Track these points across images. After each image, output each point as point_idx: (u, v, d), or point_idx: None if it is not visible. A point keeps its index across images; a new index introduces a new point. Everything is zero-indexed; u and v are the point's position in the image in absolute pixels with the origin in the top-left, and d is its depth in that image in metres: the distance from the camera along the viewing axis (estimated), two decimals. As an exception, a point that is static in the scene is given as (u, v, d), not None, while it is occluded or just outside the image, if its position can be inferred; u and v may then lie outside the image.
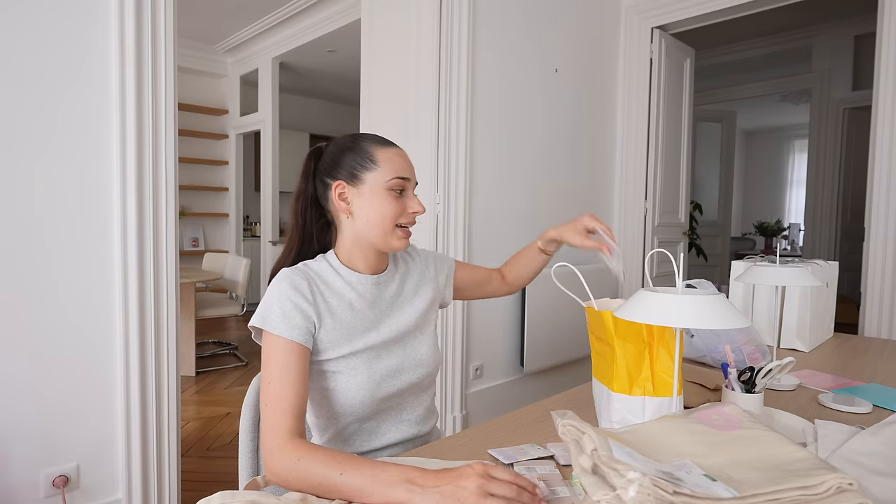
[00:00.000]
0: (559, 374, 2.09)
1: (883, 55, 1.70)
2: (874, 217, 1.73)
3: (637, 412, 0.60)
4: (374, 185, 0.63)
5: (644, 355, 0.60)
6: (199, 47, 3.79)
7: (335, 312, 0.62)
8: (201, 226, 4.08)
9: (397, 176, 0.63)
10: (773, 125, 6.08)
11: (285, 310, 0.59)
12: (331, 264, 0.65)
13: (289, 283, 0.60)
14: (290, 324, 0.58)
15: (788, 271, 0.83)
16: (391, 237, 0.63)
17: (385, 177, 0.62)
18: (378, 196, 0.62)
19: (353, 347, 0.62)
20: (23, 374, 1.01)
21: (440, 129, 1.68)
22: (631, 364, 0.60)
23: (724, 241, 4.48)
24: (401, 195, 0.64)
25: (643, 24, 2.29)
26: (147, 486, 1.14)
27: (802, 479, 0.39)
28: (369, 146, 0.64)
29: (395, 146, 0.66)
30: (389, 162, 0.63)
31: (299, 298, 0.60)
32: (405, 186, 0.64)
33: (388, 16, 1.84)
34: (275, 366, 0.57)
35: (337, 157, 0.65)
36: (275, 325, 0.58)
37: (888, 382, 0.88)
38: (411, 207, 0.64)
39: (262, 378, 0.58)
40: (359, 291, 0.65)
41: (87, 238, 1.07)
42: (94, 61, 1.07)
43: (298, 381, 0.57)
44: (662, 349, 0.59)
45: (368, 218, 0.63)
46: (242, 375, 2.59)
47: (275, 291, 0.60)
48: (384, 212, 0.62)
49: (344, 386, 0.62)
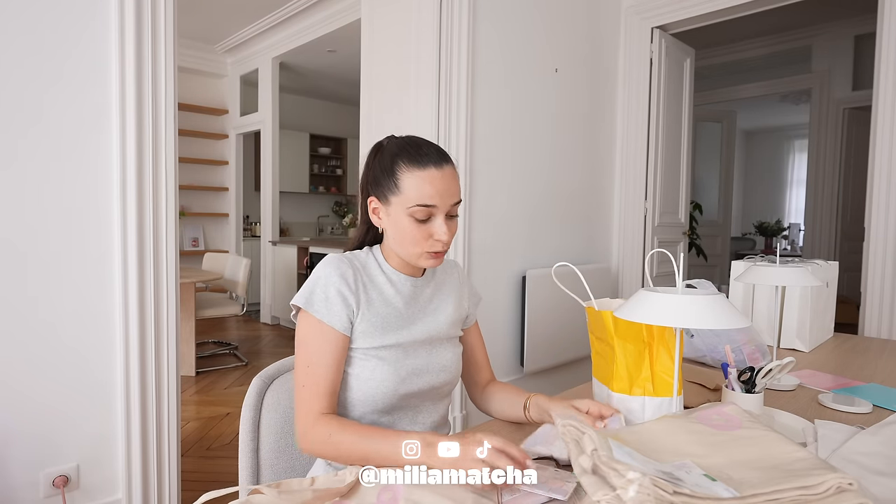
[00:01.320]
0: (559, 373, 2.09)
1: (883, 55, 1.70)
2: (874, 217, 1.73)
3: (637, 412, 0.60)
4: (398, 209, 0.61)
5: (644, 355, 0.60)
6: (199, 47, 3.79)
7: (373, 304, 0.64)
8: (201, 226, 4.08)
9: (418, 204, 0.60)
10: (773, 125, 6.08)
11: (329, 296, 0.61)
12: (375, 258, 0.67)
13: (335, 269, 0.62)
14: (332, 310, 0.60)
15: (788, 271, 0.83)
16: (417, 258, 0.63)
17: (406, 203, 0.60)
18: (401, 220, 0.61)
19: (385, 341, 0.63)
20: (22, 374, 1.01)
21: (440, 129, 1.68)
22: (631, 364, 0.60)
23: (724, 241, 4.48)
24: (426, 221, 0.61)
25: (643, 24, 2.29)
26: (147, 486, 1.14)
27: (802, 479, 0.39)
28: (399, 167, 0.61)
29: (429, 167, 0.61)
30: (414, 189, 0.60)
31: (343, 286, 0.61)
32: (430, 213, 0.61)
33: (388, 16, 1.83)
34: (313, 350, 0.60)
35: (374, 167, 0.65)
36: (317, 309, 0.60)
37: (888, 382, 0.88)
38: (436, 234, 0.61)
39: (298, 358, 0.60)
40: (398, 289, 0.66)
41: (86, 238, 1.07)
42: (94, 61, 1.06)
43: (334, 366, 0.60)
44: (662, 349, 0.59)
45: (394, 237, 0.63)
46: (242, 375, 2.58)
47: (321, 275, 0.61)
48: (405, 237, 0.62)
49: (370, 374, 0.63)
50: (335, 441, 0.56)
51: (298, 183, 4.63)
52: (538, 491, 0.48)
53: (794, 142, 6.31)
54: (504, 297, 1.91)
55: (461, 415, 1.76)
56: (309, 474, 0.68)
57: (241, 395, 2.28)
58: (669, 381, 0.59)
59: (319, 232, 4.93)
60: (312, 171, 4.77)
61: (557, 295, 2.18)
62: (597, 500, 0.39)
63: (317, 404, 0.59)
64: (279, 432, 0.69)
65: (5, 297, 0.99)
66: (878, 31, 1.75)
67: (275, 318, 3.80)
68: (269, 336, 3.46)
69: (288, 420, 0.70)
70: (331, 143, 4.93)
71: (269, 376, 0.70)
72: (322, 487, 0.48)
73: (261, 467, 0.68)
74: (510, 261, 1.91)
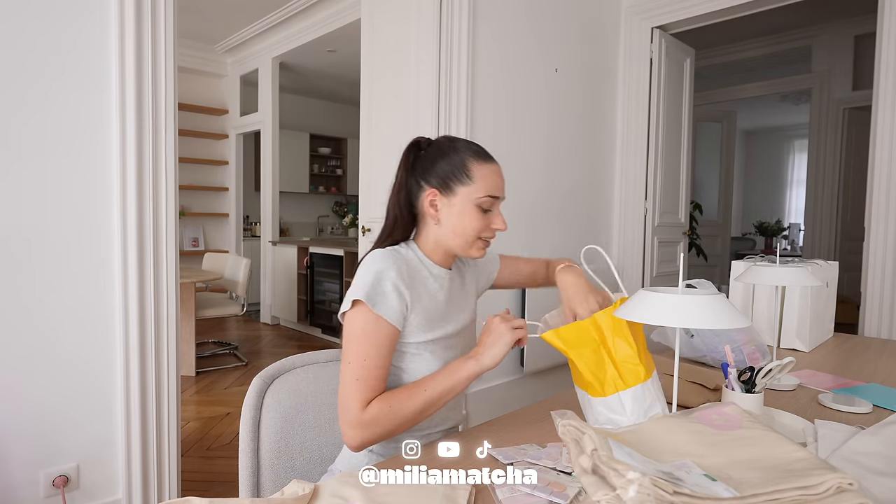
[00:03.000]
0: (559, 374, 2.09)
1: (883, 55, 1.70)
2: (874, 217, 1.73)
3: (618, 409, 0.59)
4: (465, 199, 0.64)
5: (601, 354, 0.60)
6: (199, 47, 3.79)
7: (422, 299, 0.65)
8: (201, 226, 4.08)
9: (489, 194, 0.64)
10: (773, 125, 6.08)
11: (386, 291, 0.62)
12: (416, 254, 0.68)
13: (392, 264, 0.63)
14: (389, 305, 0.61)
15: (788, 271, 0.83)
16: (471, 248, 0.66)
17: (477, 193, 0.64)
18: (467, 210, 0.64)
19: (434, 335, 0.65)
20: (23, 375, 1.01)
21: (440, 129, 1.68)
22: (594, 368, 0.60)
23: (724, 240, 4.49)
24: (487, 212, 0.66)
25: (643, 24, 2.29)
26: (147, 486, 1.14)
27: (802, 478, 0.39)
28: (468, 158, 0.65)
29: (492, 162, 0.67)
30: (484, 179, 0.65)
31: (399, 281, 0.62)
32: (494, 204, 0.66)
33: (388, 15, 1.83)
34: (371, 343, 0.61)
35: (435, 161, 0.66)
36: (376, 303, 0.61)
37: (888, 382, 0.88)
38: (495, 224, 0.66)
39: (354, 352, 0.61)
40: (440, 283, 0.68)
41: (87, 238, 1.07)
42: (94, 61, 1.06)
43: (388, 361, 0.63)
44: (619, 339, 0.59)
45: (454, 228, 0.65)
46: (242, 375, 2.58)
47: (376, 270, 0.62)
48: (469, 226, 0.65)
49: (425, 368, 0.65)
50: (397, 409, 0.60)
51: (298, 183, 4.63)
52: (539, 493, 0.48)
53: (794, 142, 6.31)
54: (504, 296, 1.91)
55: (462, 414, 1.77)
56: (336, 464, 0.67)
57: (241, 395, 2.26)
58: (634, 368, 0.59)
59: (319, 232, 4.93)
60: (312, 170, 4.77)
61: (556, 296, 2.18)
62: (597, 500, 0.39)
63: (370, 395, 0.60)
64: (279, 432, 0.69)
65: (5, 298, 0.99)
66: (878, 32, 1.75)
67: (275, 318, 3.80)
68: (269, 336, 3.46)
69: (287, 420, 0.70)
70: (331, 142, 4.93)
71: (270, 376, 0.70)
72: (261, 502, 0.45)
73: (261, 467, 0.68)
74: (510, 261, 1.92)
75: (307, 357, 0.74)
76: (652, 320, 0.51)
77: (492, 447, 0.60)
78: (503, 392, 1.92)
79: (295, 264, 3.58)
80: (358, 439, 0.59)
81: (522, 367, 1.96)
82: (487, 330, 0.62)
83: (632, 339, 0.59)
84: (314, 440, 0.72)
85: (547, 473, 0.51)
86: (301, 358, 0.74)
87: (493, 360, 0.60)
